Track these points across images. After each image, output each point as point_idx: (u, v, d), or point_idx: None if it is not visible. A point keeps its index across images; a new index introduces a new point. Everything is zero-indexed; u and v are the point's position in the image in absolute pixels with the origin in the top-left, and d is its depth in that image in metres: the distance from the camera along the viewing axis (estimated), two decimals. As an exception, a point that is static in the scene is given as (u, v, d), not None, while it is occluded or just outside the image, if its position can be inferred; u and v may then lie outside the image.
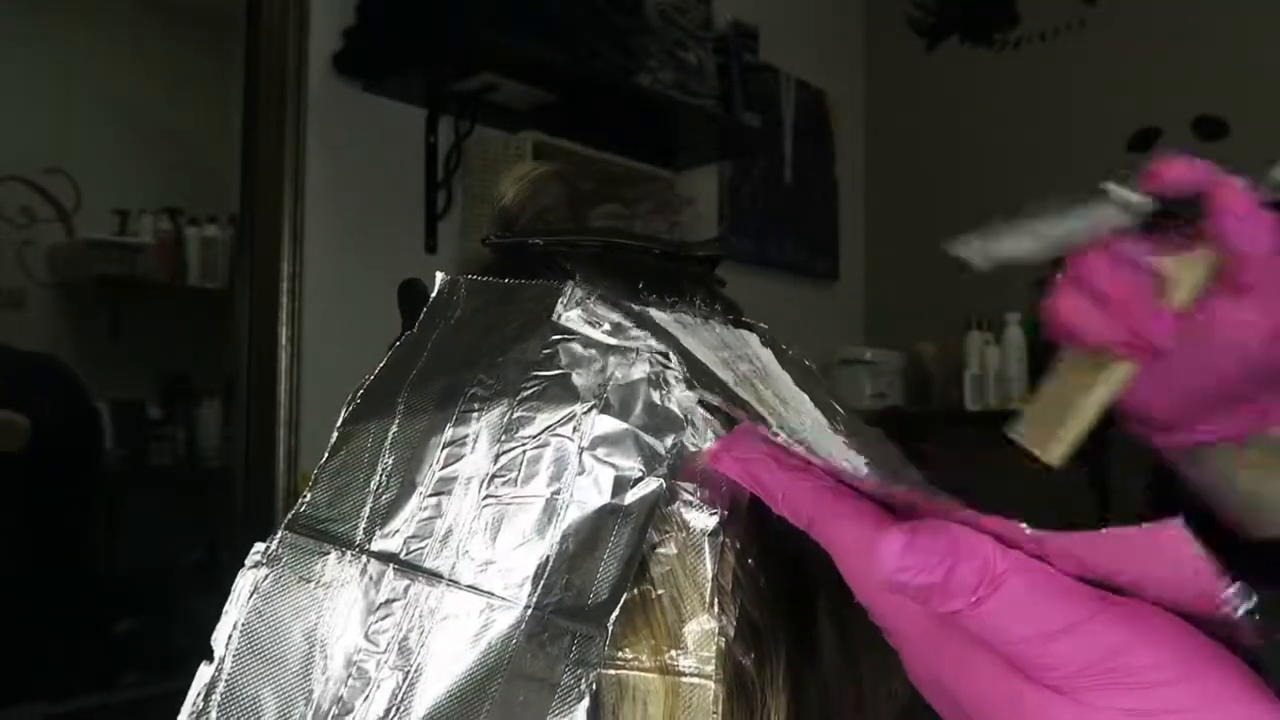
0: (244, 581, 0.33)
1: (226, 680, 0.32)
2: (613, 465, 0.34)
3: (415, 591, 0.33)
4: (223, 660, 0.32)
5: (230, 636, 0.32)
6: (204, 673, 0.32)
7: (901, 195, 2.89)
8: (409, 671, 0.32)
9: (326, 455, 0.35)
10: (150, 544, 2.48)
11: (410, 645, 0.32)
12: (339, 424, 0.36)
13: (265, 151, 1.63)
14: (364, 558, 0.33)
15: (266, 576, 0.33)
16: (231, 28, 1.81)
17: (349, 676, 0.32)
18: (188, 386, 2.69)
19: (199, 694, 0.32)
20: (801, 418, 0.39)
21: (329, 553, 0.33)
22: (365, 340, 0.43)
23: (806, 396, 0.41)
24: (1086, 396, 0.46)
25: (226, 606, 0.33)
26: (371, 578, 0.33)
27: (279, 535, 0.34)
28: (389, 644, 0.32)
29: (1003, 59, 2.74)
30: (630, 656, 0.34)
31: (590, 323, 0.37)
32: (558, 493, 0.34)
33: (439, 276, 0.40)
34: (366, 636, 0.32)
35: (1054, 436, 0.46)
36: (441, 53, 1.64)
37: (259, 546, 0.33)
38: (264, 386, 1.60)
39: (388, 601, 0.33)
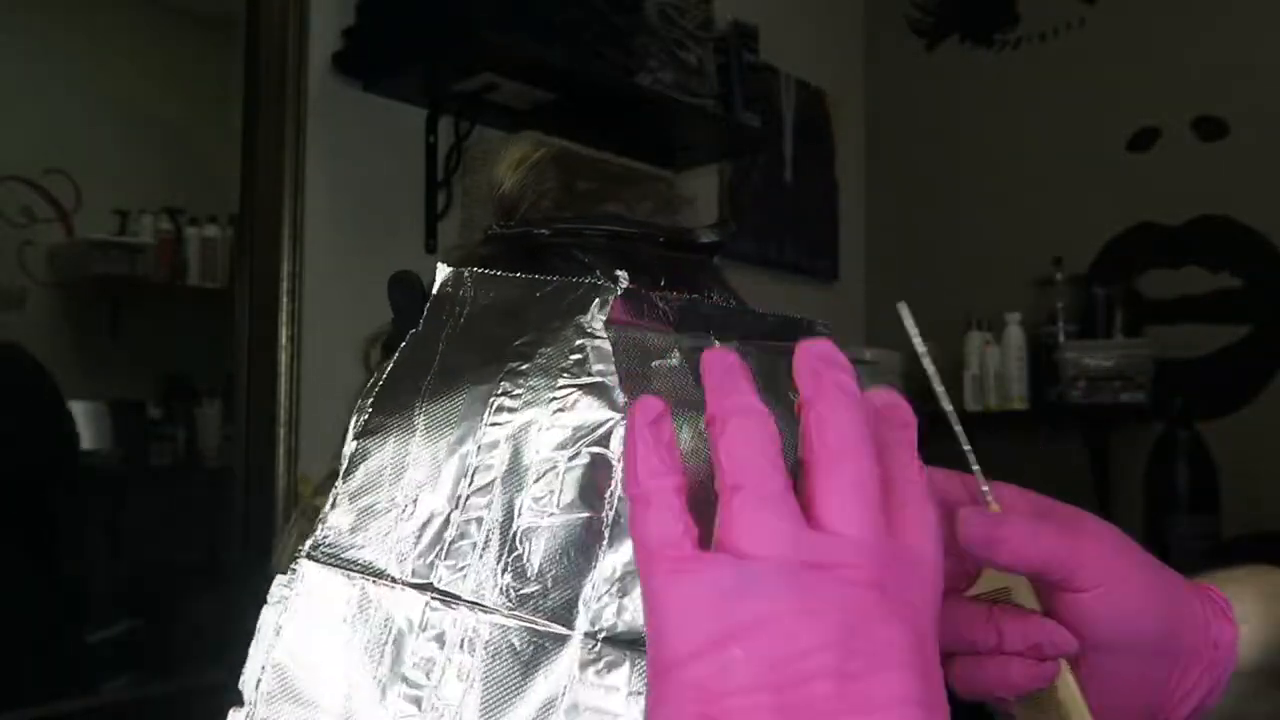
0: (268, 618, 0.30)
1: None
2: None
3: (456, 622, 0.30)
4: (254, 705, 0.29)
5: (260, 679, 0.30)
6: (235, 718, 0.30)
7: (901, 195, 2.89)
8: (458, 707, 0.29)
9: (343, 473, 0.32)
10: (150, 544, 2.48)
11: (457, 679, 0.29)
12: (351, 435, 0.33)
13: (265, 151, 1.63)
14: (397, 588, 0.30)
15: (293, 612, 0.30)
16: (231, 28, 1.81)
17: (394, 717, 0.29)
18: (188, 386, 2.68)
19: None
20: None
21: (358, 583, 0.31)
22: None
23: None
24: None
25: (251, 648, 0.30)
26: (408, 609, 0.30)
27: (301, 566, 0.31)
28: (434, 679, 0.30)
29: (1003, 59, 2.73)
30: None
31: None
32: (601, 511, 0.31)
33: (441, 269, 0.37)
34: (409, 672, 0.30)
35: None
36: (441, 53, 1.64)
37: (281, 579, 0.31)
38: (264, 386, 1.60)
39: (428, 634, 0.30)
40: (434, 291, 0.37)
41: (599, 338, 0.33)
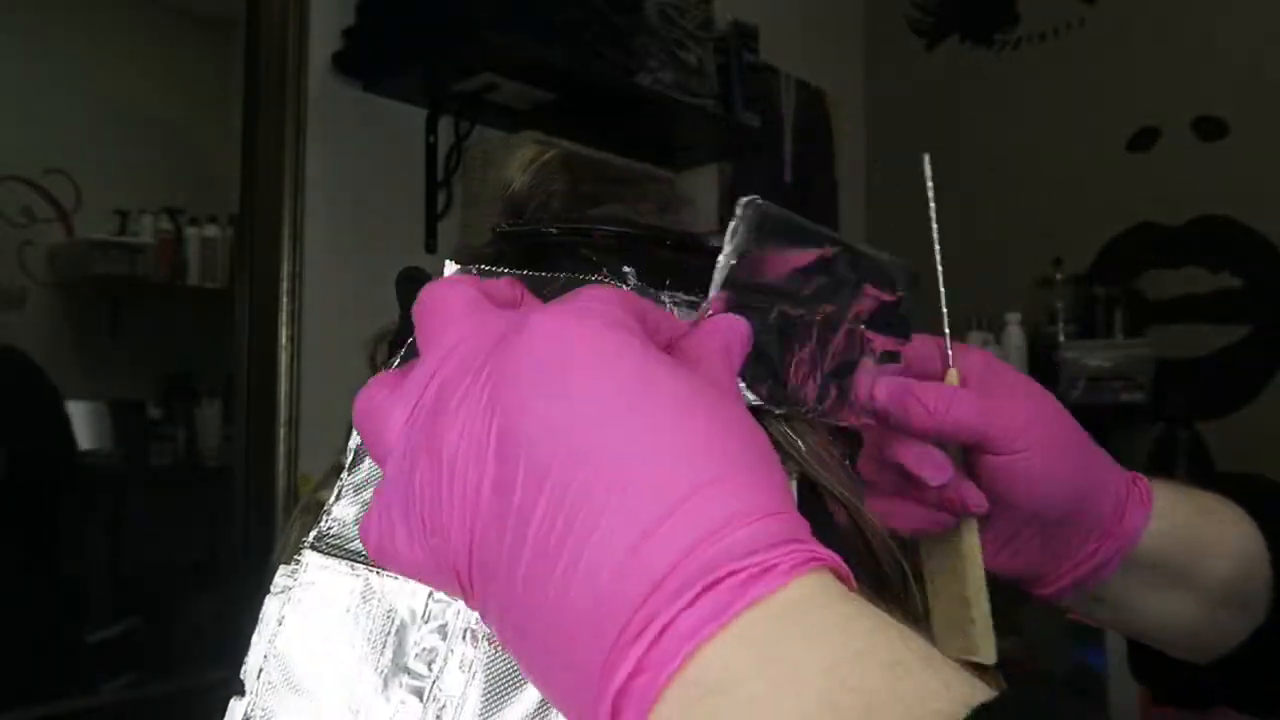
0: (271, 608, 0.31)
1: (261, 716, 0.29)
2: None
3: (459, 613, 0.30)
4: (256, 694, 0.29)
5: (261, 669, 0.30)
6: (236, 708, 0.30)
7: (901, 195, 2.89)
8: (459, 698, 0.29)
9: (348, 466, 0.33)
10: (150, 544, 2.48)
11: (459, 670, 0.30)
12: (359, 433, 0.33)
13: (265, 151, 1.63)
14: (400, 579, 0.30)
15: (296, 602, 0.30)
16: (231, 28, 1.81)
17: (395, 708, 0.29)
18: (188, 386, 2.68)
19: None
20: None
21: (360, 575, 0.31)
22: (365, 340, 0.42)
23: None
24: (966, 580, 0.45)
25: (254, 637, 0.30)
26: (411, 600, 0.30)
27: (305, 557, 0.31)
28: (436, 670, 0.30)
29: (1003, 59, 2.73)
30: None
31: None
32: None
33: (449, 267, 0.37)
34: (411, 663, 0.30)
35: (975, 636, 0.45)
36: (441, 53, 1.64)
37: (285, 569, 0.31)
38: (264, 386, 1.60)
39: (430, 625, 0.30)
40: None
41: None
